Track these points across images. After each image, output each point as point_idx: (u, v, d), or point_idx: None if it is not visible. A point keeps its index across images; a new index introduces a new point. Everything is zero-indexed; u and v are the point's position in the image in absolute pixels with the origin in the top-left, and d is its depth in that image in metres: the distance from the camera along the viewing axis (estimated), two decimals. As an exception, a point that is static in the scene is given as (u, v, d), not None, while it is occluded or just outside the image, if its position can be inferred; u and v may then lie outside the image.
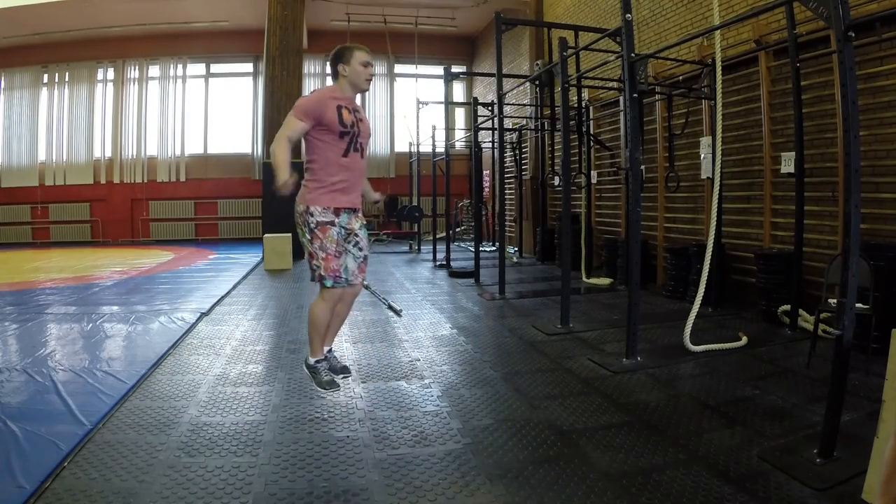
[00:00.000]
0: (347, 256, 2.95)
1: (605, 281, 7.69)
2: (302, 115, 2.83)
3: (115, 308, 6.22)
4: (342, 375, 3.14)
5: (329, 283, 2.89)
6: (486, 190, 13.98)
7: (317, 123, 2.83)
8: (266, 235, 10.05)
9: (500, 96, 6.83)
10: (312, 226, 2.85)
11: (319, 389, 3.04)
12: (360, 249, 3.04)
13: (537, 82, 9.68)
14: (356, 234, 3.00)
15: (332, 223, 2.87)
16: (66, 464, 2.55)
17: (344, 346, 4.53)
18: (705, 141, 6.45)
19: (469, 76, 16.19)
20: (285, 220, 9.95)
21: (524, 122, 11.87)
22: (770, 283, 5.24)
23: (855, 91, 2.57)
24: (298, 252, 10.29)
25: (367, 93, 16.07)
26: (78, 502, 2.25)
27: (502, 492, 2.33)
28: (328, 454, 2.69)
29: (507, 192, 12.39)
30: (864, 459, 2.25)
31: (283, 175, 2.75)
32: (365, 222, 3.12)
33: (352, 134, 2.90)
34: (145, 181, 15.60)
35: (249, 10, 13.43)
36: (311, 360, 3.04)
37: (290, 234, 9.88)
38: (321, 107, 2.84)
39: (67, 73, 15.48)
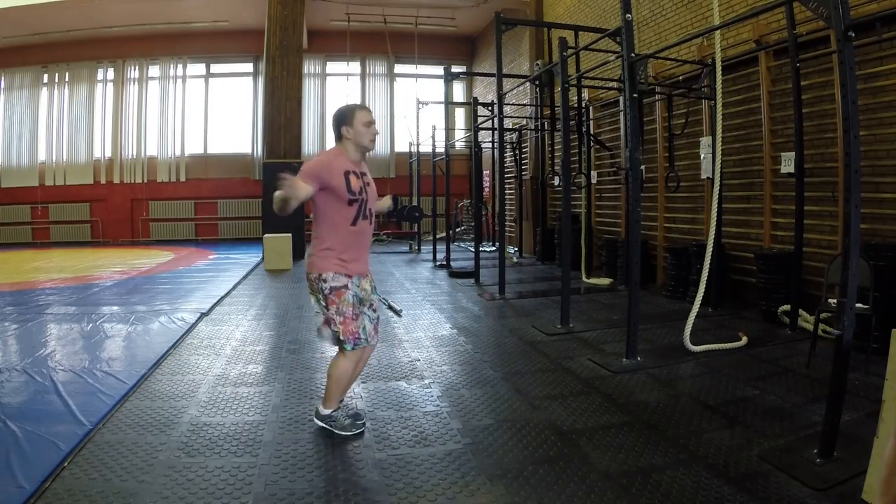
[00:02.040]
0: (364, 318, 2.91)
1: (605, 281, 7.69)
2: (308, 179, 2.74)
3: (115, 308, 6.22)
4: (357, 421, 3.05)
5: (349, 346, 2.83)
6: (486, 190, 13.98)
7: (323, 188, 2.76)
8: (266, 235, 10.04)
9: (500, 96, 6.84)
10: (327, 292, 2.79)
11: (343, 433, 2.90)
12: (374, 311, 3.02)
13: (537, 82, 9.67)
14: (369, 296, 2.98)
15: (346, 287, 2.81)
16: (66, 464, 2.55)
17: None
18: (705, 141, 6.45)
19: (469, 76, 16.18)
20: (285, 221, 10.04)
21: (524, 122, 11.87)
22: (770, 283, 5.23)
23: (855, 91, 2.57)
24: (298, 252, 10.32)
25: (366, 94, 16.19)
26: (78, 502, 2.25)
27: (502, 492, 2.33)
28: (328, 454, 2.69)
29: (507, 192, 12.39)
30: (864, 459, 2.25)
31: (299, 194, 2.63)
32: (374, 285, 3.08)
33: (360, 201, 2.84)
34: (145, 181, 15.60)
35: (249, 10, 13.44)
36: (325, 412, 2.94)
37: (289, 235, 9.90)
38: (328, 173, 2.77)
39: (67, 73, 15.47)
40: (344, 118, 2.89)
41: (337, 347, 2.90)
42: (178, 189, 15.66)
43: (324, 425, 2.95)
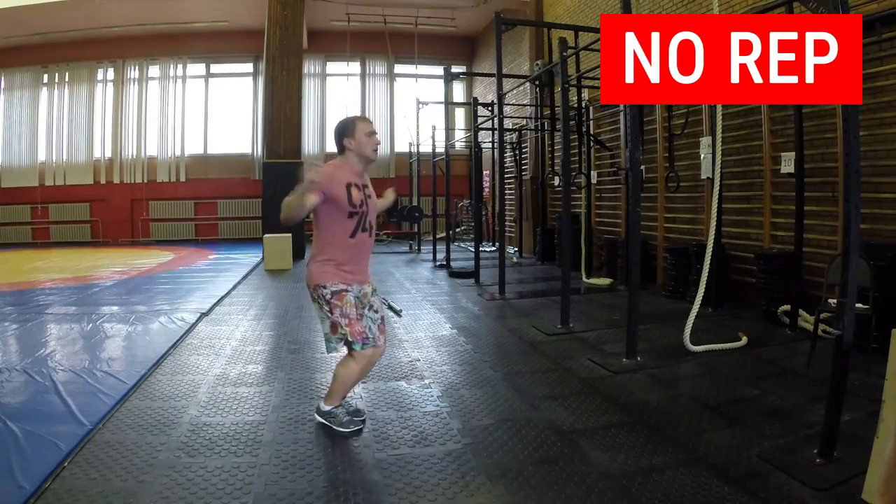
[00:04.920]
0: (366, 319, 2.93)
1: (605, 281, 7.69)
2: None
3: (115, 308, 6.22)
4: (356, 418, 3.05)
5: (358, 346, 2.85)
6: (486, 190, 13.98)
7: (326, 199, 2.79)
8: (266, 235, 10.05)
9: (500, 96, 6.83)
10: (328, 297, 2.81)
11: (342, 430, 2.91)
12: (376, 312, 3.03)
13: (537, 82, 9.68)
14: (369, 298, 2.99)
15: (346, 290, 2.84)
16: (66, 464, 2.55)
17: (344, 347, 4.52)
18: (705, 141, 6.45)
19: (469, 76, 16.17)
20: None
21: (524, 122, 11.87)
22: (770, 283, 5.23)
23: (855, 91, 2.57)
24: (298, 252, 10.31)
25: (366, 94, 16.18)
26: (78, 502, 2.25)
27: (502, 492, 2.33)
28: (328, 454, 2.69)
29: (507, 192, 12.38)
30: (864, 459, 2.25)
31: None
32: (375, 288, 3.08)
33: (361, 213, 2.86)
34: (145, 181, 15.59)
35: (249, 10, 13.43)
36: (326, 408, 2.96)
37: (289, 235, 9.90)
38: (330, 183, 2.79)
39: (67, 73, 15.47)
40: (346, 130, 2.92)
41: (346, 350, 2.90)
42: (178, 189, 15.66)
43: (323, 422, 2.97)
